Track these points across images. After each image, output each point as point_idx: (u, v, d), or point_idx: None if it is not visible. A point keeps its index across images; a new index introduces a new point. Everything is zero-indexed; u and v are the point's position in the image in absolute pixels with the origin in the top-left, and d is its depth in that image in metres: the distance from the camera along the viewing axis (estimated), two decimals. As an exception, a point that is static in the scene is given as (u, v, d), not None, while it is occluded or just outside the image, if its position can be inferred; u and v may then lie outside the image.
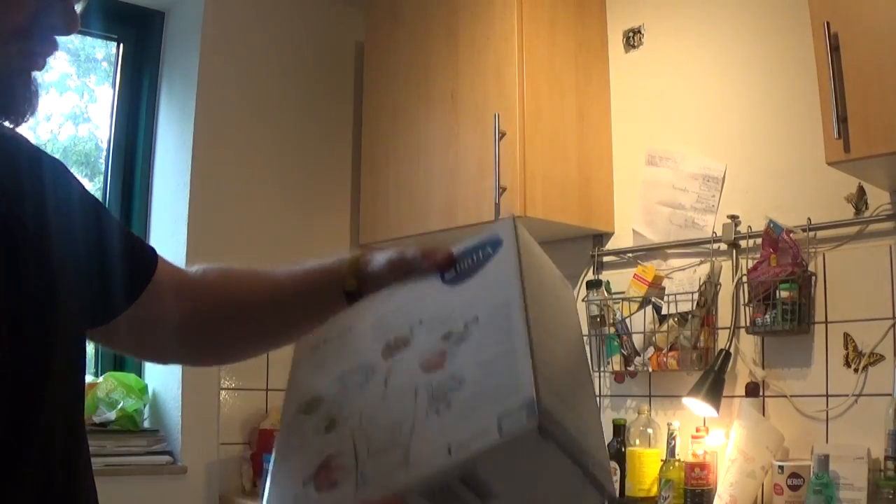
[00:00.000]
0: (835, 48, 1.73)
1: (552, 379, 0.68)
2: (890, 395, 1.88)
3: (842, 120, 1.71)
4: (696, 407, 2.18)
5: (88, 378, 2.60)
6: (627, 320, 2.37)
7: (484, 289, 0.78)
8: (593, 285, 2.50)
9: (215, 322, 1.02)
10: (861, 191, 2.06)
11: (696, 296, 2.25)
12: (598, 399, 2.53)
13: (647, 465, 2.25)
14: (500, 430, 0.63)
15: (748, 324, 2.15)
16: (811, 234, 2.09)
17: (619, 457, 2.30)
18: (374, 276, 0.95)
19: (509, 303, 0.73)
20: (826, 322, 2.07)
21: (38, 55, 0.80)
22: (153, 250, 1.02)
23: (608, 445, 2.35)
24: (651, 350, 2.31)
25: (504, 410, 0.63)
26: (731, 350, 2.20)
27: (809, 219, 2.09)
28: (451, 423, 0.66)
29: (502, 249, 0.81)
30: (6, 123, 0.80)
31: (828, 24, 1.74)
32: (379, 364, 0.78)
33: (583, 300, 2.53)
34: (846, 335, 2.04)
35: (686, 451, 2.20)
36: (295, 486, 0.74)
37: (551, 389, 0.66)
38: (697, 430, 2.20)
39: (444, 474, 0.64)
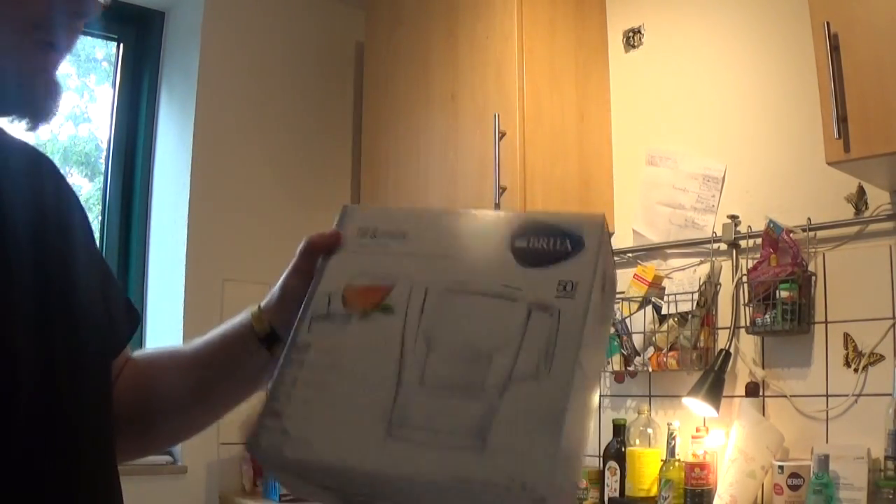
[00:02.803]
0: (835, 48, 1.73)
1: (569, 448, 0.68)
2: (890, 395, 1.88)
3: (842, 120, 1.71)
4: (696, 407, 2.18)
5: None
6: (627, 320, 2.37)
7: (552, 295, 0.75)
8: (593, 285, 2.50)
9: (148, 415, 0.95)
10: (861, 191, 2.06)
11: (696, 296, 2.25)
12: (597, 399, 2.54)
13: (647, 465, 2.25)
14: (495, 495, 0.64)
15: (748, 324, 2.15)
16: (811, 234, 2.09)
17: (619, 457, 2.30)
18: (277, 307, 0.89)
19: (569, 345, 0.71)
20: (826, 322, 2.07)
21: (60, 48, 0.76)
22: (138, 316, 0.98)
23: (608, 445, 2.36)
24: (651, 350, 2.31)
25: (511, 483, 0.64)
26: (731, 350, 2.20)
27: (809, 219, 2.09)
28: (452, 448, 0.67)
29: (581, 257, 0.75)
30: (25, 123, 0.77)
31: (828, 24, 1.74)
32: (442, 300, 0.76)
33: (583, 300, 2.53)
34: (846, 335, 2.04)
35: (686, 451, 2.20)
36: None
37: (564, 469, 0.67)
38: (697, 430, 2.20)
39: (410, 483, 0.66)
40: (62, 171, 0.92)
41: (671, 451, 2.19)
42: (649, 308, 2.33)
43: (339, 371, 0.74)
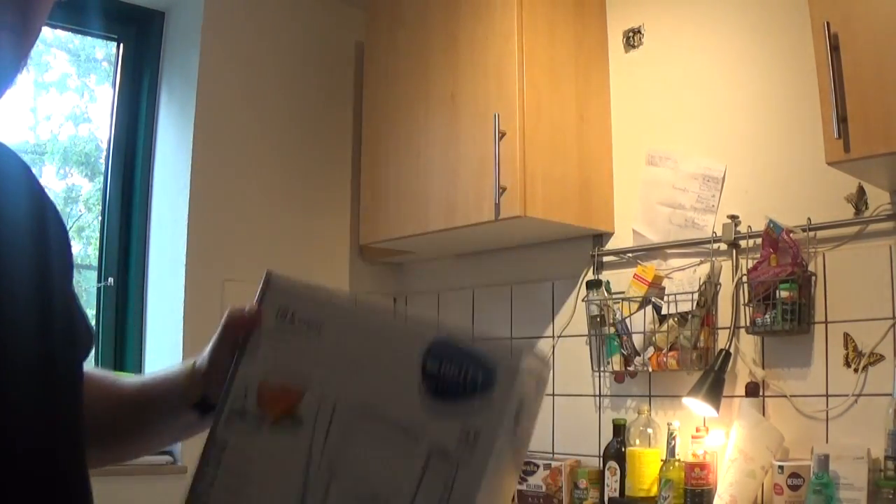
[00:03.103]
0: (835, 48, 1.73)
1: None
2: (890, 395, 1.88)
3: (842, 120, 1.71)
4: (696, 407, 2.18)
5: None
6: (627, 320, 2.37)
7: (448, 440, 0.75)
8: (593, 285, 2.50)
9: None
10: (861, 191, 2.06)
11: (696, 296, 2.25)
12: (597, 399, 2.54)
13: (647, 465, 2.25)
14: None
15: (748, 324, 2.15)
16: (811, 234, 2.09)
17: (619, 457, 2.31)
18: (206, 378, 0.89)
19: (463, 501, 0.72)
20: (826, 322, 2.07)
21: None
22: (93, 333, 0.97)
23: (608, 445, 2.36)
24: (651, 350, 2.31)
25: None
26: (731, 350, 2.20)
27: (809, 219, 2.09)
28: None
29: (491, 397, 0.74)
30: None
31: (828, 24, 1.74)
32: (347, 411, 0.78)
33: (583, 300, 2.53)
34: (846, 335, 2.04)
35: (686, 451, 2.20)
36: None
37: None
38: (697, 430, 2.20)
39: None
40: (37, 175, 0.89)
41: (671, 451, 2.19)
42: (649, 308, 2.33)
43: (250, 482, 0.78)
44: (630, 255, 2.51)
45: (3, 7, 0.72)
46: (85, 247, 2.98)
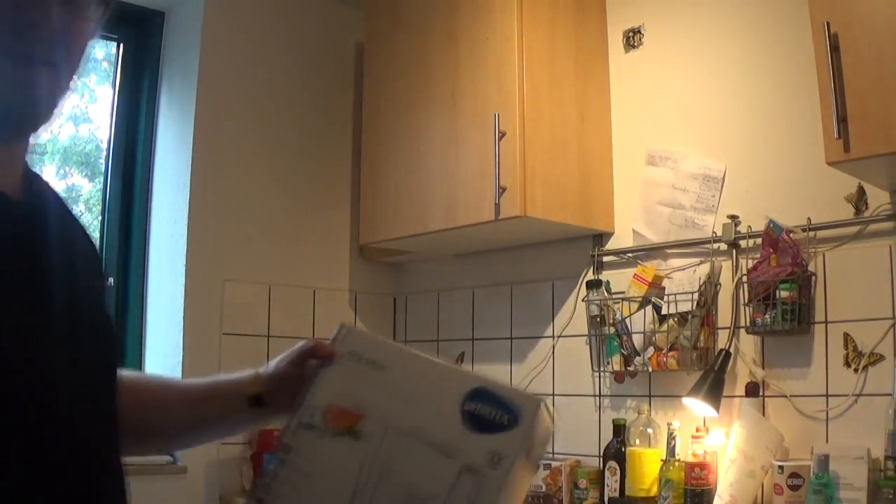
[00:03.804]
0: (835, 48, 1.73)
1: None
2: (890, 395, 1.88)
3: (842, 120, 1.71)
4: (696, 407, 2.18)
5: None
6: (627, 320, 2.37)
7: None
8: (593, 285, 2.50)
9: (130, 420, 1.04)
10: (861, 191, 2.06)
11: (696, 296, 2.25)
12: (597, 399, 2.54)
13: (647, 465, 2.25)
14: None
15: (748, 324, 2.15)
16: (811, 234, 2.09)
17: (619, 457, 2.31)
18: (268, 383, 1.06)
19: None
20: (826, 322, 2.07)
21: (38, 59, 0.75)
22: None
23: (608, 445, 2.36)
24: (651, 350, 2.31)
25: None
26: (731, 350, 2.20)
27: (809, 219, 2.09)
28: None
29: (515, 432, 0.96)
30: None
31: (828, 24, 1.74)
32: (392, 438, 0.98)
33: (583, 300, 2.54)
34: (846, 335, 2.04)
35: (686, 451, 2.20)
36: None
37: None
38: (697, 430, 2.20)
39: None
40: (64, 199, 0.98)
41: (671, 451, 2.19)
42: (649, 308, 2.33)
43: (309, 478, 0.96)
44: (630, 255, 2.51)
45: (41, 43, 0.75)
46: (85, 247, 2.98)
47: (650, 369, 2.31)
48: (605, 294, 2.50)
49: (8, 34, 0.73)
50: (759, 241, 2.16)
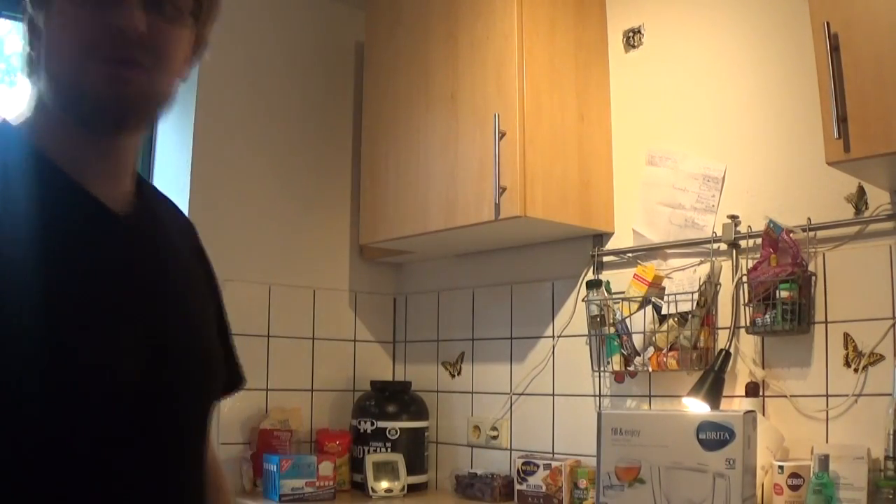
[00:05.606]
0: (835, 48, 1.73)
1: None
2: (890, 395, 1.88)
3: (842, 120, 1.71)
4: (696, 407, 2.18)
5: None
6: (627, 320, 2.37)
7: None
8: (593, 285, 2.50)
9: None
10: (861, 191, 2.06)
11: (696, 296, 2.25)
12: (597, 399, 2.54)
13: (647, 465, 2.24)
14: None
15: (748, 324, 2.15)
16: (811, 234, 2.09)
17: (619, 457, 2.30)
18: None
19: (737, 494, 1.66)
20: (826, 322, 2.07)
21: (128, 60, 0.84)
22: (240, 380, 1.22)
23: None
24: (651, 350, 2.31)
25: None
26: (731, 350, 2.20)
27: (809, 219, 2.09)
28: None
29: (735, 442, 1.66)
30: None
31: (828, 24, 1.74)
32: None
33: (583, 300, 2.54)
34: (846, 335, 2.04)
35: (686, 451, 2.20)
36: None
37: None
38: (697, 430, 2.20)
39: None
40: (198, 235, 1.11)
41: (671, 451, 2.19)
42: (649, 308, 2.33)
43: None
44: (630, 255, 2.51)
45: (136, 48, 0.83)
46: (85, 247, 2.98)
47: (650, 369, 2.31)
48: (605, 294, 2.50)
49: (100, 41, 0.83)
50: (759, 241, 2.16)
